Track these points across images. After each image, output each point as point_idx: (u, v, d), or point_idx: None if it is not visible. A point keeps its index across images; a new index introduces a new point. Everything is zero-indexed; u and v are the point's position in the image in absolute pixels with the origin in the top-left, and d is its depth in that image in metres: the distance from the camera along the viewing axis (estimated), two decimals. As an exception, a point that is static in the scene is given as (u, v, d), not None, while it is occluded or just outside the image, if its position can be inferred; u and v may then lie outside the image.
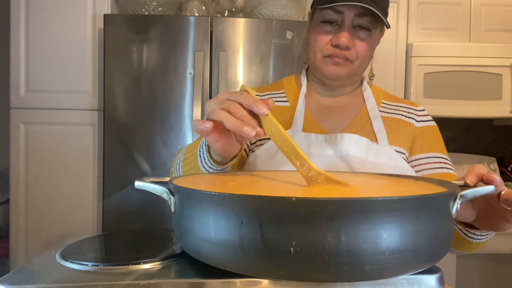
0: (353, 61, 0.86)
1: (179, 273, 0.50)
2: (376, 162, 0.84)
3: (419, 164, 0.90)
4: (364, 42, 0.85)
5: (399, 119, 0.94)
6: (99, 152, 1.92)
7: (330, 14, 0.83)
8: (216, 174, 0.70)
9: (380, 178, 0.68)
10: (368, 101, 0.95)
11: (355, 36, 0.84)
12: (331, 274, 0.43)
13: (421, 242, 0.44)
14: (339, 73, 0.87)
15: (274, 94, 0.97)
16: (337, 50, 0.84)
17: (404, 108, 0.96)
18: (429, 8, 2.20)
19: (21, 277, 0.49)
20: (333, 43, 0.84)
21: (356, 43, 0.85)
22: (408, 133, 0.92)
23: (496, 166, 2.37)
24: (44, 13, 1.90)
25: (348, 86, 0.96)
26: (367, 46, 0.86)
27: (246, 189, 0.55)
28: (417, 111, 0.96)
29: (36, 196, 1.90)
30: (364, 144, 0.85)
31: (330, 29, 0.85)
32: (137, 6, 1.93)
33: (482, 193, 0.51)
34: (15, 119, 1.91)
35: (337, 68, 0.86)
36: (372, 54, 0.90)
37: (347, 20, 0.83)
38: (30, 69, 1.91)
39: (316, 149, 0.85)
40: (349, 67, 0.87)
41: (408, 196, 0.44)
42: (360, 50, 0.85)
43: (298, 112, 0.90)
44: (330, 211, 0.41)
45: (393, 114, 0.95)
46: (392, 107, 0.96)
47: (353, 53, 0.85)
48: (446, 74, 2.12)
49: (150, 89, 1.81)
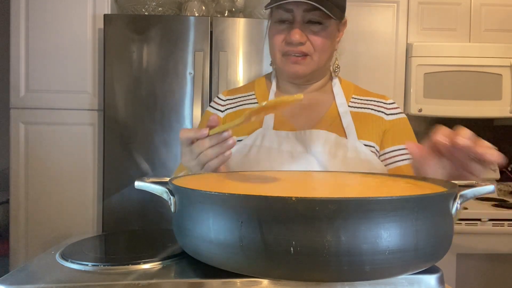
0: (311, 55, 0.87)
1: (179, 273, 0.50)
2: (345, 156, 0.86)
3: (390, 157, 0.92)
4: (318, 36, 0.86)
5: (369, 113, 0.95)
6: (99, 152, 1.92)
7: (281, 13, 0.86)
8: (217, 174, 0.71)
9: (380, 178, 0.68)
10: (338, 97, 0.96)
11: (308, 31, 0.86)
12: (331, 274, 0.43)
13: (421, 242, 0.44)
14: (299, 71, 0.88)
15: (244, 96, 0.99)
16: (292, 47, 0.86)
17: (374, 102, 0.97)
18: (429, 8, 2.20)
19: (21, 277, 0.49)
20: (287, 41, 0.86)
21: (310, 38, 0.86)
22: (378, 127, 0.93)
23: (496, 166, 2.37)
24: (44, 13, 1.91)
25: (316, 82, 0.97)
26: (322, 39, 0.87)
27: (247, 189, 0.55)
28: (387, 104, 0.97)
29: (36, 196, 1.90)
30: (332, 139, 0.87)
31: (283, 27, 0.87)
32: (137, 6, 1.93)
33: (482, 193, 0.51)
34: (15, 119, 1.91)
35: (297, 66, 0.88)
36: (332, 46, 0.90)
37: (298, 17, 0.85)
38: (30, 69, 1.91)
39: (287, 146, 0.87)
40: (309, 63, 0.88)
41: (408, 196, 0.44)
42: (315, 43, 0.86)
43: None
44: (330, 211, 0.41)
45: (363, 108, 0.96)
46: (362, 101, 0.97)
47: (308, 47, 0.87)
48: (446, 74, 2.12)
49: (150, 89, 1.81)
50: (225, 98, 0.99)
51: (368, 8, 2.17)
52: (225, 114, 0.97)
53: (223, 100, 0.99)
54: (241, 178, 0.66)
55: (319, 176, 0.71)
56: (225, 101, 0.99)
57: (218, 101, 1.00)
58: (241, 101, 0.98)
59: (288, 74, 0.91)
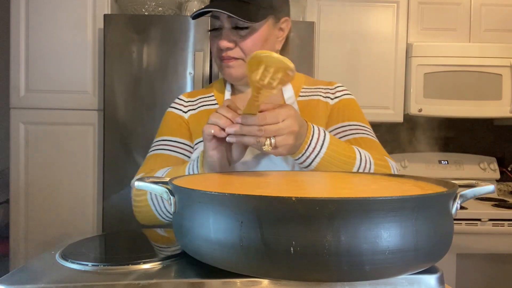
0: (243, 58, 0.90)
1: (179, 273, 0.50)
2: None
3: (341, 132, 0.94)
4: (246, 39, 0.88)
5: (317, 99, 0.98)
6: (99, 152, 1.92)
7: (212, 21, 0.91)
8: (217, 174, 0.71)
9: (380, 178, 0.68)
10: (285, 92, 0.98)
11: (237, 36, 0.89)
12: (331, 274, 0.43)
13: (421, 242, 0.44)
14: (233, 74, 0.91)
15: (205, 98, 1.01)
16: (223, 53, 0.90)
17: (321, 89, 1.00)
18: (429, 8, 2.20)
19: (21, 277, 0.49)
20: (218, 47, 0.90)
21: (238, 42, 0.89)
22: (325, 112, 0.96)
23: (496, 166, 2.38)
24: (44, 13, 1.90)
25: None
26: (250, 42, 0.89)
27: (248, 189, 0.55)
28: (333, 89, 1.00)
29: (36, 196, 1.90)
30: None
31: (217, 34, 0.91)
32: (137, 6, 1.93)
33: (482, 193, 0.51)
34: (15, 119, 1.91)
35: (231, 69, 0.90)
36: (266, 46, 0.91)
37: (225, 23, 0.89)
38: (30, 69, 1.91)
39: None
40: (242, 66, 0.90)
41: (408, 196, 0.44)
42: (244, 47, 0.89)
43: None
44: (330, 211, 0.41)
45: (312, 96, 0.98)
46: (311, 90, 1.00)
47: (237, 52, 0.89)
48: (446, 74, 2.12)
49: (150, 89, 1.81)
50: (187, 100, 1.01)
51: (368, 8, 2.17)
52: (188, 115, 0.98)
53: (184, 101, 1.01)
54: (241, 178, 0.66)
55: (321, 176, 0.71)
56: (187, 102, 1.00)
57: (179, 102, 1.01)
58: (202, 103, 1.00)
59: (226, 77, 0.94)
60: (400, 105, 2.18)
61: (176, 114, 0.99)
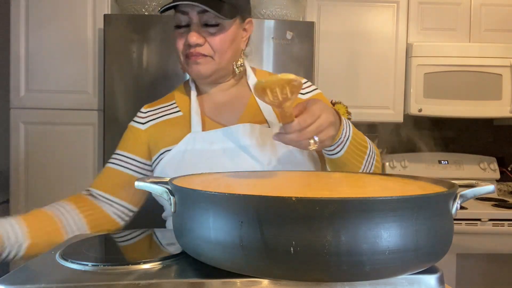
0: (212, 55, 0.89)
1: (179, 273, 0.50)
2: (273, 145, 0.88)
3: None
4: (215, 36, 0.87)
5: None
6: (99, 152, 1.92)
7: (179, 17, 0.89)
8: (217, 174, 0.71)
9: (379, 178, 0.68)
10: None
11: (206, 33, 0.87)
12: (331, 274, 0.43)
13: (421, 242, 0.44)
14: (201, 71, 0.89)
15: (166, 106, 0.99)
16: (191, 49, 0.88)
17: None
18: (429, 8, 2.20)
19: (21, 277, 0.49)
20: (186, 43, 0.88)
21: (208, 39, 0.88)
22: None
23: (496, 166, 2.37)
24: (44, 13, 1.90)
25: (229, 80, 0.97)
26: (220, 40, 0.88)
27: (247, 188, 0.55)
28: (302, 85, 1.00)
29: (36, 196, 1.90)
30: (257, 130, 0.89)
31: (183, 31, 0.89)
32: (137, 6, 1.93)
33: (482, 193, 0.51)
34: (15, 119, 1.91)
35: (199, 66, 0.89)
36: (234, 46, 0.92)
37: (194, 19, 0.87)
38: (30, 69, 1.91)
39: (218, 145, 0.89)
40: (210, 63, 0.89)
41: (408, 196, 0.44)
42: (214, 44, 0.88)
43: (194, 113, 0.93)
44: (330, 211, 0.41)
45: None
46: None
47: (207, 49, 0.88)
48: (446, 74, 2.12)
49: (150, 89, 1.80)
50: (146, 111, 1.00)
51: (368, 8, 2.17)
52: (147, 127, 0.97)
53: (143, 113, 0.99)
54: (241, 177, 0.66)
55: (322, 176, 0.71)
56: (146, 113, 0.99)
57: (139, 115, 1.00)
58: (163, 112, 0.98)
59: (192, 75, 0.93)
60: (400, 105, 2.18)
61: (134, 127, 0.98)
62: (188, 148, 0.90)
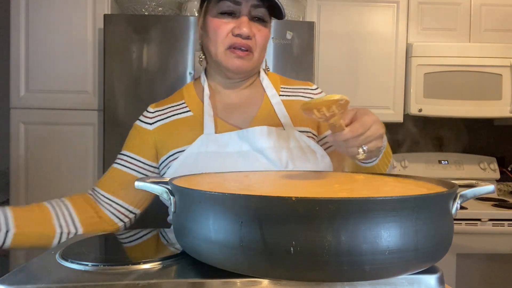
0: (254, 51, 0.87)
1: (179, 273, 0.50)
2: (288, 148, 0.87)
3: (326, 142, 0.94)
4: (261, 33, 0.87)
5: (299, 100, 0.97)
6: (99, 152, 1.92)
7: (228, 5, 0.85)
8: (218, 174, 0.71)
9: (380, 178, 0.68)
10: (268, 90, 0.96)
11: (254, 27, 0.86)
12: (331, 274, 0.43)
13: (421, 242, 0.44)
14: (242, 66, 0.87)
15: (175, 106, 0.96)
16: (239, 39, 0.85)
17: (301, 89, 0.99)
18: (429, 8, 2.20)
19: (21, 277, 0.49)
20: (235, 32, 0.84)
21: (255, 33, 0.86)
22: None
23: (496, 166, 2.37)
24: (44, 13, 1.90)
25: (248, 79, 0.97)
26: (265, 37, 0.88)
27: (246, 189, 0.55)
28: (313, 90, 1.00)
29: (36, 196, 1.90)
30: (274, 133, 0.88)
31: (229, 19, 0.85)
32: (137, 6, 1.93)
33: (482, 193, 0.51)
34: (15, 119, 1.91)
35: (241, 61, 0.87)
36: (267, 46, 0.92)
37: (245, 11, 0.85)
38: (30, 69, 1.91)
39: (233, 147, 0.86)
40: (251, 60, 0.88)
41: (408, 196, 0.44)
42: (260, 39, 0.87)
43: (207, 114, 0.90)
44: (330, 211, 0.41)
45: (293, 96, 0.98)
46: (290, 90, 0.99)
47: (254, 43, 0.87)
48: (446, 74, 2.12)
49: (150, 89, 1.81)
50: (153, 110, 0.96)
51: (368, 8, 2.17)
52: (155, 127, 0.94)
53: (151, 112, 0.96)
54: (242, 177, 0.66)
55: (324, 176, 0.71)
56: (153, 113, 0.96)
57: (146, 114, 0.96)
58: (172, 111, 0.95)
59: (230, 69, 0.88)
60: (400, 105, 2.19)
61: (141, 127, 0.95)
62: (201, 150, 0.86)
